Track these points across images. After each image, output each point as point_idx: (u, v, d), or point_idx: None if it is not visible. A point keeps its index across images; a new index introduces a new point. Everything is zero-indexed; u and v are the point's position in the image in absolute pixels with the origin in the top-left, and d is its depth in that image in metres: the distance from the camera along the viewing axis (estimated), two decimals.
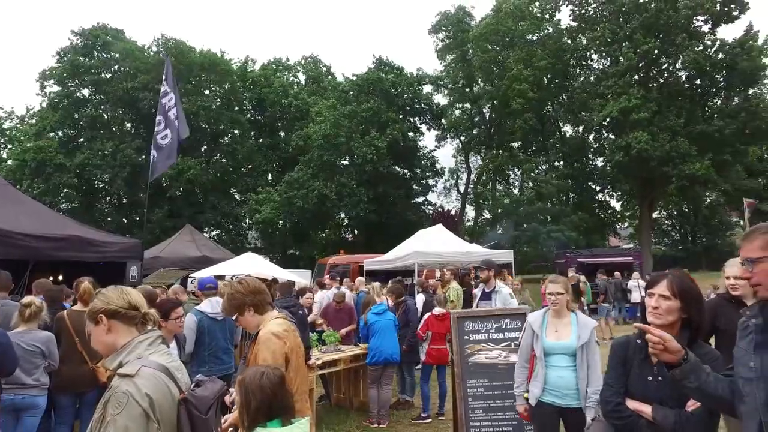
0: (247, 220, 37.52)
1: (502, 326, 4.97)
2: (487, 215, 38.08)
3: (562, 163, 35.18)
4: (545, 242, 28.48)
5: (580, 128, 34.34)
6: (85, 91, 35.88)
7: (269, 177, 40.43)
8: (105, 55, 35.56)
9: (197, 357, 4.87)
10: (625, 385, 2.13)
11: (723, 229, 39.66)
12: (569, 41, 31.77)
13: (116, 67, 35.32)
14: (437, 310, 6.79)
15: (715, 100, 28.72)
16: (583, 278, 14.38)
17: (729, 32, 42.21)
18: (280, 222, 33.28)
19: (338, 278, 13.00)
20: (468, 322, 5.07)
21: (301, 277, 14.38)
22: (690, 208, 39.52)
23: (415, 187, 37.91)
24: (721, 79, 27.58)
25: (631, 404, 2.07)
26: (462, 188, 41.52)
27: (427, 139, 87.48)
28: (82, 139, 35.25)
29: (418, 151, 38.09)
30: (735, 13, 26.54)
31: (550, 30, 32.07)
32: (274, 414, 2.06)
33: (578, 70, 33.35)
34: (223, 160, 37.99)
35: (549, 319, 3.71)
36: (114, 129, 36.41)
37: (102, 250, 8.09)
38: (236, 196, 39.02)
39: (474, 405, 4.93)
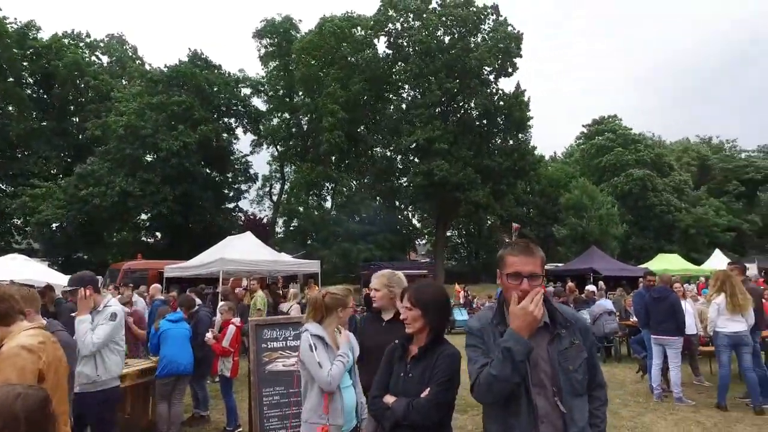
0: (22, 218, 31.01)
1: (300, 333, 5.11)
2: (297, 226, 38.39)
3: (372, 181, 37.48)
4: (353, 256, 30.10)
5: (388, 151, 37.02)
6: None
7: (53, 168, 34.47)
8: None
9: None
10: (388, 382, 2.41)
11: (498, 249, 46.79)
12: (385, 68, 34.30)
13: None
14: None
15: (496, 139, 34.05)
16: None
17: (507, 84, 50.53)
18: (64, 221, 28.56)
19: (131, 285, 11.79)
20: (266, 330, 5.11)
21: None
22: (475, 229, 45.87)
23: (226, 191, 36.39)
24: (501, 123, 32.98)
25: (386, 398, 2.36)
26: (275, 197, 41.30)
27: (243, 143, 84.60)
28: None
29: (232, 154, 36.74)
30: (509, 70, 32.34)
31: (369, 55, 34.15)
32: None
33: (392, 96, 36.19)
34: None
35: (325, 333, 3.10)
36: None
37: None
38: (3, 186, 32.34)
39: (269, 414, 4.98)
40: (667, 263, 20.73)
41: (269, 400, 5.00)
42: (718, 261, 19.69)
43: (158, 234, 34.66)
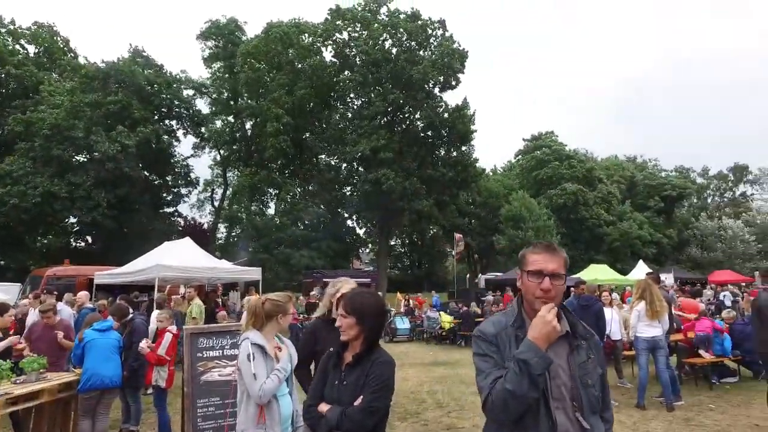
0: None
1: (238, 342, 4.99)
2: (239, 232, 37.47)
3: (317, 189, 37.21)
4: (296, 264, 29.75)
5: (333, 160, 36.87)
6: None
7: None
8: None
9: None
10: (323, 390, 2.41)
11: (439, 257, 47.75)
12: (332, 75, 34.26)
13: None
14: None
15: (440, 151, 34.80)
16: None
17: (451, 98, 51.54)
18: None
19: (56, 293, 11.06)
20: (202, 338, 4.96)
21: (4, 292, 11.81)
22: (418, 238, 46.52)
23: (164, 195, 34.95)
24: (445, 135, 33.74)
25: (321, 406, 2.35)
26: (217, 202, 40.18)
27: (184, 146, 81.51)
28: None
29: (172, 157, 35.40)
30: (453, 83, 33.14)
31: (315, 61, 33.99)
32: None
33: (338, 104, 36.20)
34: None
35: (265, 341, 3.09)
36: None
37: None
38: None
39: (203, 426, 4.82)
40: (597, 273, 21.92)
41: (204, 412, 4.84)
42: (640, 272, 21.02)
43: (89, 239, 32.72)
